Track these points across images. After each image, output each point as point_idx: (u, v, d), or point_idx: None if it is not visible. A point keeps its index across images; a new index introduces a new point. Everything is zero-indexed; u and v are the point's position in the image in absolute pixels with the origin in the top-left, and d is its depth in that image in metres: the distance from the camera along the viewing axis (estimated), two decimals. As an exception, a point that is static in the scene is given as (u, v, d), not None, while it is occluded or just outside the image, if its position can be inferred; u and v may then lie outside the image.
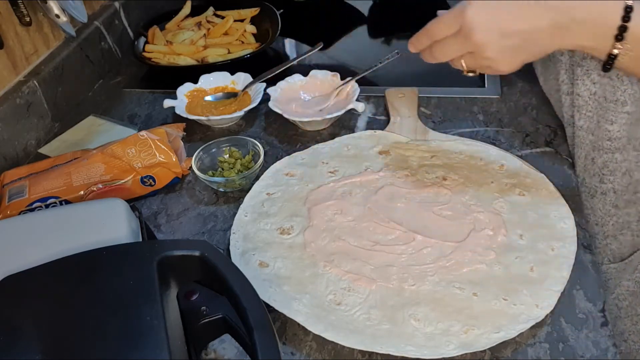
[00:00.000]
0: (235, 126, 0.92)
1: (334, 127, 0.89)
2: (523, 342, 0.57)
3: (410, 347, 0.56)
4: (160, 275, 0.48)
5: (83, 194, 0.74)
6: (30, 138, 0.90)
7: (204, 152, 0.80)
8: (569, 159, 0.79)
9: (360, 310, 0.60)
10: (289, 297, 0.61)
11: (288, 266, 0.65)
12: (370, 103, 0.94)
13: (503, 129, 0.85)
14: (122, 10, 1.14)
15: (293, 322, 0.59)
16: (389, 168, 0.77)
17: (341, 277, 0.63)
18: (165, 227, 0.75)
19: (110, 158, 0.77)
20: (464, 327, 0.57)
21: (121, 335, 0.43)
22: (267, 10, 1.17)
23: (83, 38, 1.03)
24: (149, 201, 0.79)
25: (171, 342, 0.43)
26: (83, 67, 1.03)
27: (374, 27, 1.22)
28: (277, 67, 0.97)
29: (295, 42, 1.22)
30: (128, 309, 0.45)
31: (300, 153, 0.82)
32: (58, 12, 0.88)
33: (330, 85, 0.93)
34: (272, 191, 0.76)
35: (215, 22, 1.16)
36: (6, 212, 0.72)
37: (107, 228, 0.58)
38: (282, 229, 0.70)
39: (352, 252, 0.66)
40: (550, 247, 0.64)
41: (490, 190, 0.72)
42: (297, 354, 0.58)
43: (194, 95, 0.95)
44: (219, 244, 0.72)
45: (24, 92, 0.88)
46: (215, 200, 0.78)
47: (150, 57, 1.08)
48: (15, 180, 0.76)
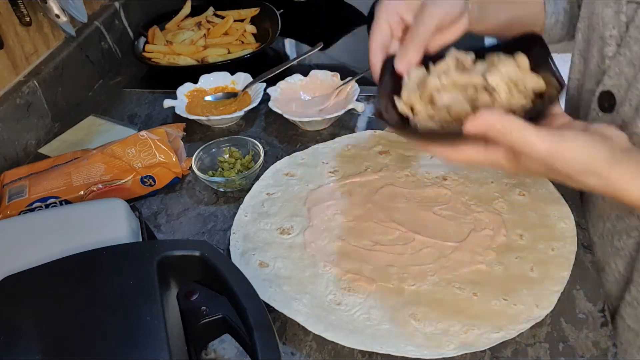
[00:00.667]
0: (235, 126, 0.92)
1: (334, 127, 0.89)
2: (523, 342, 0.57)
3: (410, 347, 0.56)
4: (160, 275, 0.48)
5: (83, 194, 0.74)
6: (30, 138, 0.90)
7: (204, 152, 0.80)
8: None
9: (360, 310, 0.60)
10: (289, 297, 0.61)
11: (288, 266, 0.65)
12: (370, 103, 0.94)
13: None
14: (122, 10, 1.14)
15: (293, 322, 0.59)
16: (389, 168, 0.77)
17: (341, 277, 0.63)
18: (165, 227, 0.75)
19: (110, 158, 0.77)
20: (464, 327, 0.57)
21: (121, 335, 0.43)
22: (267, 10, 1.17)
23: (83, 38, 1.03)
24: (149, 201, 0.79)
25: (171, 342, 0.43)
26: (83, 67, 1.03)
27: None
28: (277, 67, 0.97)
29: (295, 42, 1.22)
30: (128, 309, 0.45)
31: (300, 153, 0.82)
32: (58, 12, 0.88)
33: (330, 85, 0.93)
34: (272, 191, 0.76)
35: (215, 22, 1.16)
36: (6, 212, 0.72)
37: (107, 228, 0.58)
38: (282, 229, 0.70)
39: (352, 252, 0.66)
40: (550, 247, 0.64)
41: (490, 190, 0.72)
42: (297, 354, 0.58)
43: (194, 95, 0.95)
44: (219, 244, 0.72)
45: (24, 92, 0.88)
46: (215, 200, 0.78)
47: (150, 57, 1.08)
48: (15, 180, 0.76)
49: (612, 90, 0.65)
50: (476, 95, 0.53)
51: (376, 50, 0.60)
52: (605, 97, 0.66)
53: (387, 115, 0.54)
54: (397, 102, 0.56)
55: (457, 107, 0.53)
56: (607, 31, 0.64)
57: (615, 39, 0.64)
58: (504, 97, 0.52)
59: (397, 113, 0.56)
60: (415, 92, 0.56)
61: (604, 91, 0.66)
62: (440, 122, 0.53)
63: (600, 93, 0.66)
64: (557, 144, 0.46)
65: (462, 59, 0.59)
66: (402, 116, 0.56)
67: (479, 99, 0.53)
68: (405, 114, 0.55)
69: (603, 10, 0.65)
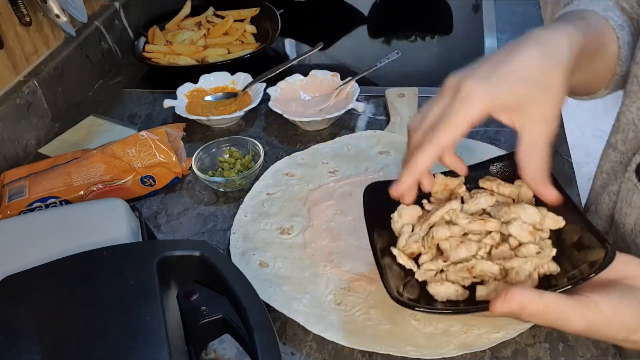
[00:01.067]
0: (235, 126, 0.92)
1: (334, 127, 0.89)
2: (523, 342, 0.57)
3: (410, 347, 0.55)
4: (160, 275, 0.48)
5: (83, 194, 0.74)
6: (30, 138, 0.90)
7: (204, 152, 0.80)
8: (569, 159, 0.79)
9: (360, 310, 0.60)
10: (289, 297, 0.61)
11: (288, 266, 0.65)
12: (370, 103, 0.94)
13: (503, 129, 0.85)
14: (122, 10, 1.14)
15: (293, 322, 0.59)
16: (389, 168, 0.77)
17: (341, 277, 0.63)
18: (165, 227, 0.75)
19: (110, 158, 0.77)
20: (464, 327, 0.57)
21: (121, 335, 0.43)
22: (267, 10, 1.17)
23: (83, 38, 1.03)
24: (149, 201, 0.79)
25: (171, 342, 0.43)
26: (83, 67, 1.03)
27: (374, 27, 1.22)
28: (277, 67, 0.97)
29: (295, 42, 1.22)
30: (128, 309, 0.45)
31: (300, 153, 0.82)
32: (58, 12, 0.88)
33: (330, 85, 0.93)
34: (272, 191, 0.76)
35: (215, 22, 1.16)
36: (6, 212, 0.72)
37: (107, 228, 0.58)
38: (282, 229, 0.70)
39: (352, 252, 0.66)
40: (551, 247, 0.64)
41: (490, 190, 0.72)
42: (297, 354, 0.58)
43: (194, 95, 0.95)
44: (219, 244, 0.72)
45: (24, 92, 0.88)
46: (215, 200, 0.78)
47: (150, 57, 1.08)
48: (15, 180, 0.76)
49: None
50: (489, 239, 0.50)
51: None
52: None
53: (388, 282, 0.50)
54: (397, 255, 0.52)
55: (477, 266, 0.49)
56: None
57: None
58: (532, 250, 0.49)
59: (396, 262, 0.52)
60: (413, 238, 0.53)
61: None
62: (455, 278, 0.50)
63: (638, 164, 0.58)
64: (597, 323, 0.44)
65: (452, 187, 0.56)
66: (402, 266, 0.52)
67: (499, 252, 0.50)
68: (409, 267, 0.52)
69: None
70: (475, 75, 0.49)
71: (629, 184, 0.60)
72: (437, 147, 0.49)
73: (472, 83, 0.48)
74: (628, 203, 0.61)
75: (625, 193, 0.61)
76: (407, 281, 0.52)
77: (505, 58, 0.49)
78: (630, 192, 0.60)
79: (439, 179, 0.57)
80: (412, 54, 1.11)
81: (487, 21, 1.16)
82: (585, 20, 0.58)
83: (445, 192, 0.58)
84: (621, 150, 0.63)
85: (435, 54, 1.13)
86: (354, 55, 1.13)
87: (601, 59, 0.61)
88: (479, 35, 1.12)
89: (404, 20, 1.23)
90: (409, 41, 1.16)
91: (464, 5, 1.26)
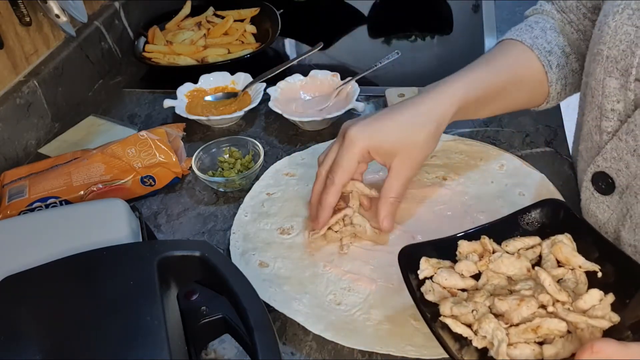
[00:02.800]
0: (235, 126, 0.92)
1: (334, 127, 0.89)
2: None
3: (410, 347, 0.56)
4: (160, 276, 0.48)
5: (83, 194, 0.74)
6: (30, 138, 0.90)
7: (204, 152, 0.80)
8: (569, 159, 0.79)
9: (360, 310, 0.60)
10: (289, 297, 0.61)
11: (288, 266, 0.65)
12: (370, 103, 0.94)
13: (503, 129, 0.85)
14: (122, 10, 1.14)
15: (293, 322, 0.59)
16: (389, 168, 0.77)
17: (341, 277, 0.63)
18: (165, 227, 0.75)
19: (110, 158, 0.77)
20: (464, 327, 0.57)
21: (121, 335, 0.43)
22: (267, 10, 1.17)
23: (83, 38, 1.03)
24: (149, 201, 0.79)
25: (171, 342, 0.43)
26: (83, 67, 1.03)
27: (374, 27, 1.22)
28: (277, 67, 0.97)
29: (295, 42, 1.22)
30: (128, 309, 0.45)
31: (300, 153, 0.82)
32: (58, 12, 0.88)
33: (330, 85, 0.93)
34: (272, 191, 0.76)
35: (215, 22, 1.16)
36: (6, 212, 0.72)
37: (107, 228, 0.58)
38: (282, 229, 0.70)
39: (352, 252, 0.66)
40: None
41: (490, 190, 0.72)
42: (297, 354, 0.58)
43: (194, 95, 0.95)
44: (219, 244, 0.72)
45: (24, 92, 0.88)
46: (215, 200, 0.78)
47: (150, 57, 1.08)
48: (15, 180, 0.76)
49: (607, 172, 0.59)
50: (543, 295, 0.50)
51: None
52: (601, 177, 0.60)
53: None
54: (450, 324, 0.50)
55: (543, 325, 0.48)
56: (609, 104, 0.57)
57: (618, 115, 0.57)
58: (602, 320, 0.49)
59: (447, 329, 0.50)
60: (461, 303, 0.51)
61: (598, 172, 0.60)
62: (518, 340, 0.49)
63: (594, 174, 0.61)
64: None
65: (480, 251, 0.56)
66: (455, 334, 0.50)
67: (561, 309, 0.49)
68: (466, 335, 0.50)
69: (605, 79, 0.57)
70: (360, 124, 0.63)
71: (587, 193, 0.63)
72: (338, 186, 0.64)
73: (355, 129, 0.63)
74: (586, 211, 0.64)
75: (584, 202, 0.64)
76: (461, 345, 0.50)
77: (387, 114, 0.64)
78: (588, 201, 0.63)
79: (462, 246, 0.57)
80: (412, 54, 1.11)
81: (487, 21, 1.16)
82: (496, 61, 0.68)
83: (474, 254, 0.57)
84: (585, 158, 0.65)
85: (435, 54, 1.13)
86: (354, 55, 1.13)
87: (520, 89, 0.69)
88: (479, 35, 1.12)
89: (404, 20, 1.23)
90: (409, 41, 1.16)
91: (464, 5, 1.26)
